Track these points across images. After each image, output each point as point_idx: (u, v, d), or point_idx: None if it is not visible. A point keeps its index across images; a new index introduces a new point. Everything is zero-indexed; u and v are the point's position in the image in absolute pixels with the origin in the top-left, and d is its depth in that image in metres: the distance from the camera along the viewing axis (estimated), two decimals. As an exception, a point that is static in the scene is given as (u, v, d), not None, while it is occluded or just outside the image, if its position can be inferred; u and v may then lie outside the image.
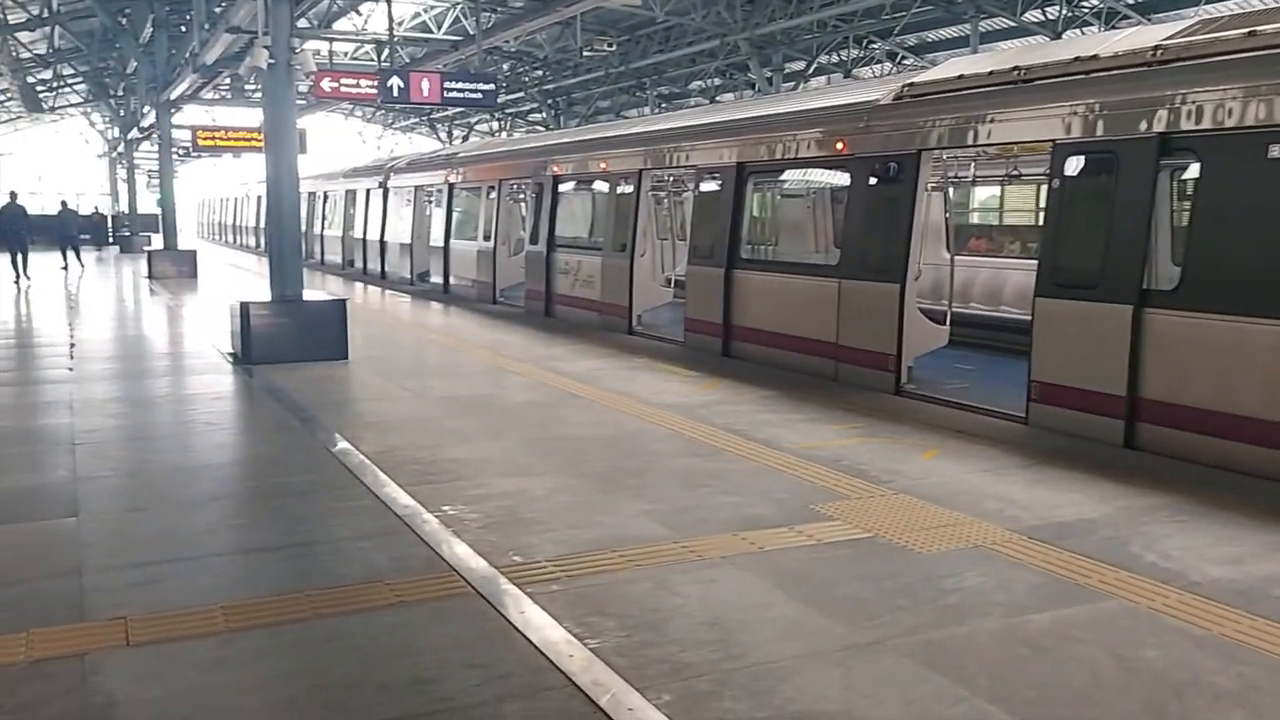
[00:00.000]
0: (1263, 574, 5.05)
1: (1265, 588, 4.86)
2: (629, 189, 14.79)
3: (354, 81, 17.62)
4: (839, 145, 10.87)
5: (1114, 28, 21.78)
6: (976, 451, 7.58)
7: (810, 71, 31.30)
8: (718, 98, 36.39)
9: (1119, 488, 6.56)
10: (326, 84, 17.08)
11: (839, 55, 31.18)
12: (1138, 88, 7.88)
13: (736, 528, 5.71)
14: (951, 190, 12.35)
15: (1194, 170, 7.63)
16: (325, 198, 32.62)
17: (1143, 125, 7.75)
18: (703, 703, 3.72)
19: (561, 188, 17.35)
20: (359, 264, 27.88)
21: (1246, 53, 7.26)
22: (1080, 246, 8.37)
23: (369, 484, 6.58)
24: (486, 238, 19.67)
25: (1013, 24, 24.82)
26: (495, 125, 50.23)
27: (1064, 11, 23.83)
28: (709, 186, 13.30)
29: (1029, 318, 8.66)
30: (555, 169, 17.16)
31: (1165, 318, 7.49)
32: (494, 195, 19.46)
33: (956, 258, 11.89)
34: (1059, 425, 8.20)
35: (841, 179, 11.43)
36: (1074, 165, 8.40)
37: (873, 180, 10.32)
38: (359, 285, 23.80)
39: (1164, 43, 7.92)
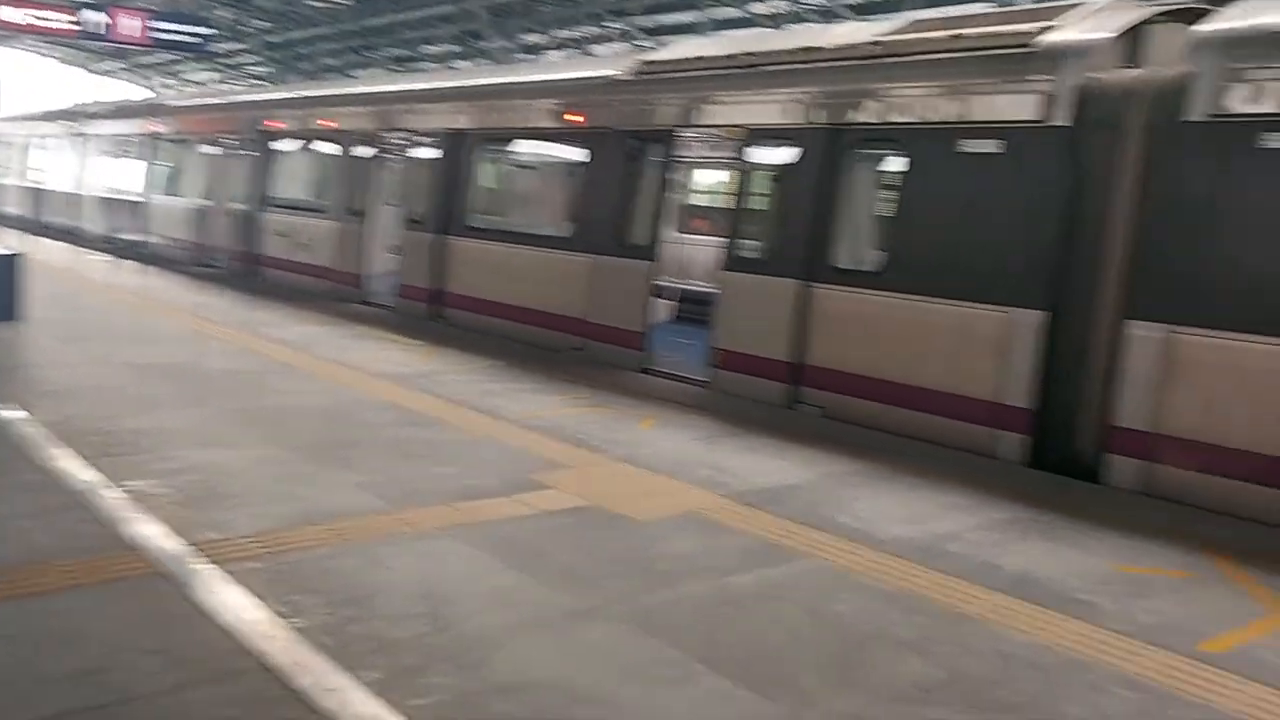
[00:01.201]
0: (940, 531, 5.49)
1: (942, 544, 5.29)
2: (359, 151, 14.16)
3: (46, 13, 15.75)
4: (576, 118, 10.87)
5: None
6: (692, 421, 7.81)
7: (547, 45, 31.23)
8: (452, 64, 35.62)
9: (820, 454, 6.95)
10: (13, 13, 15.18)
11: (576, 31, 31.30)
12: (852, 79, 8.36)
13: (453, 498, 5.57)
14: (680, 171, 12.66)
15: (898, 161, 8.19)
16: (8, 144, 29.22)
17: (846, 115, 8.25)
18: (409, 678, 3.57)
19: (282, 145, 16.36)
20: (46, 218, 25.19)
21: (950, 54, 7.84)
22: (763, 225, 9.01)
23: (37, 457, 5.89)
24: (196, 195, 18.28)
25: (742, 14, 25.82)
26: (215, 77, 46.84)
27: (790, 6, 25.04)
28: (428, 152, 12.94)
29: None
30: (273, 125, 16.16)
31: (870, 296, 8.02)
32: (207, 150, 18.10)
33: (683, 236, 12.23)
34: (735, 389, 8.83)
35: (578, 153, 11.43)
36: (770, 150, 8.91)
37: (614, 155, 10.38)
38: (45, 241, 21.48)
39: (881, 39, 8.44)
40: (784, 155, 8.79)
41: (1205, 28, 6.51)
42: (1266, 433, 5.93)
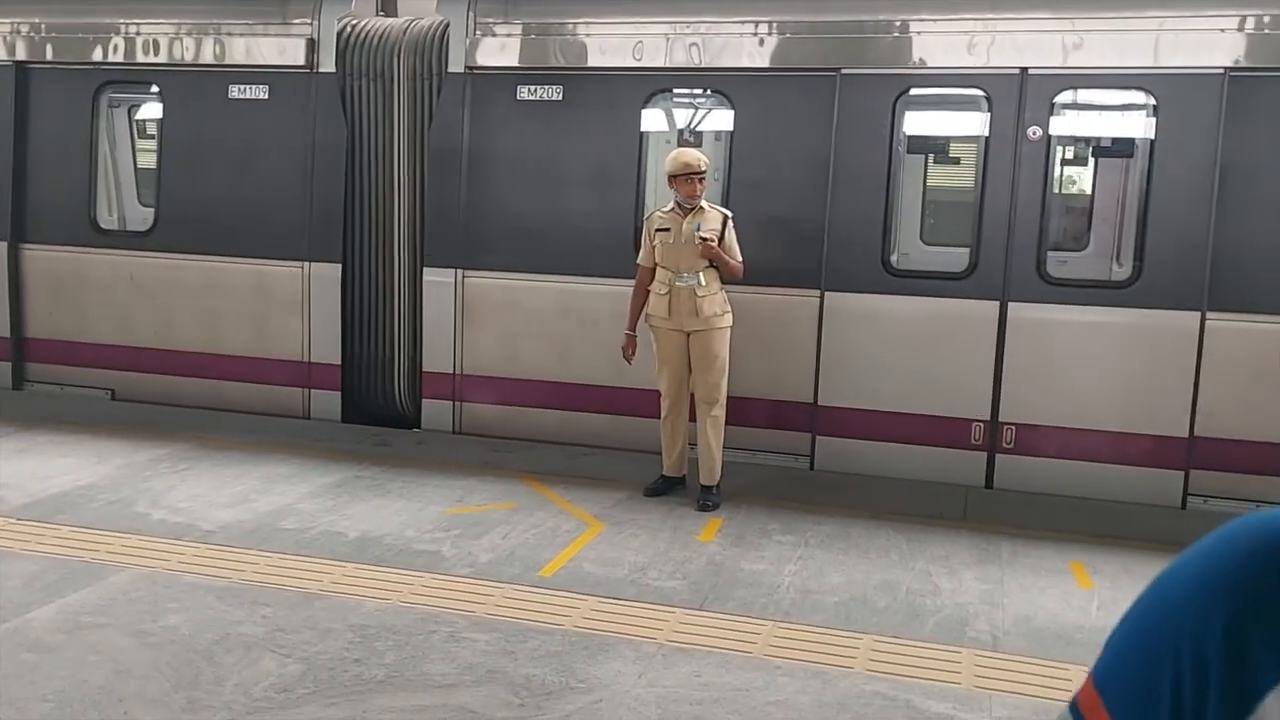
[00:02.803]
0: (269, 509, 5.12)
1: (273, 522, 4.94)
2: None
3: None
4: None
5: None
6: (-62, 427, 6.33)
7: None
8: None
9: (116, 444, 6.08)
10: None
11: None
12: (77, 10, 7.26)
13: None
14: None
15: (161, 107, 7.34)
16: None
17: (75, 52, 7.19)
18: None
19: None
20: None
21: None
22: None
23: None
24: None
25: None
26: None
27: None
28: None
29: None
30: None
31: (142, 259, 7.18)
32: None
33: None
34: None
35: None
36: None
37: None
38: None
39: None
40: None
41: None
42: (545, 363, 6.52)
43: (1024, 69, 5.62)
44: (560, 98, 6.40)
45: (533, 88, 6.45)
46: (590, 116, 6.38)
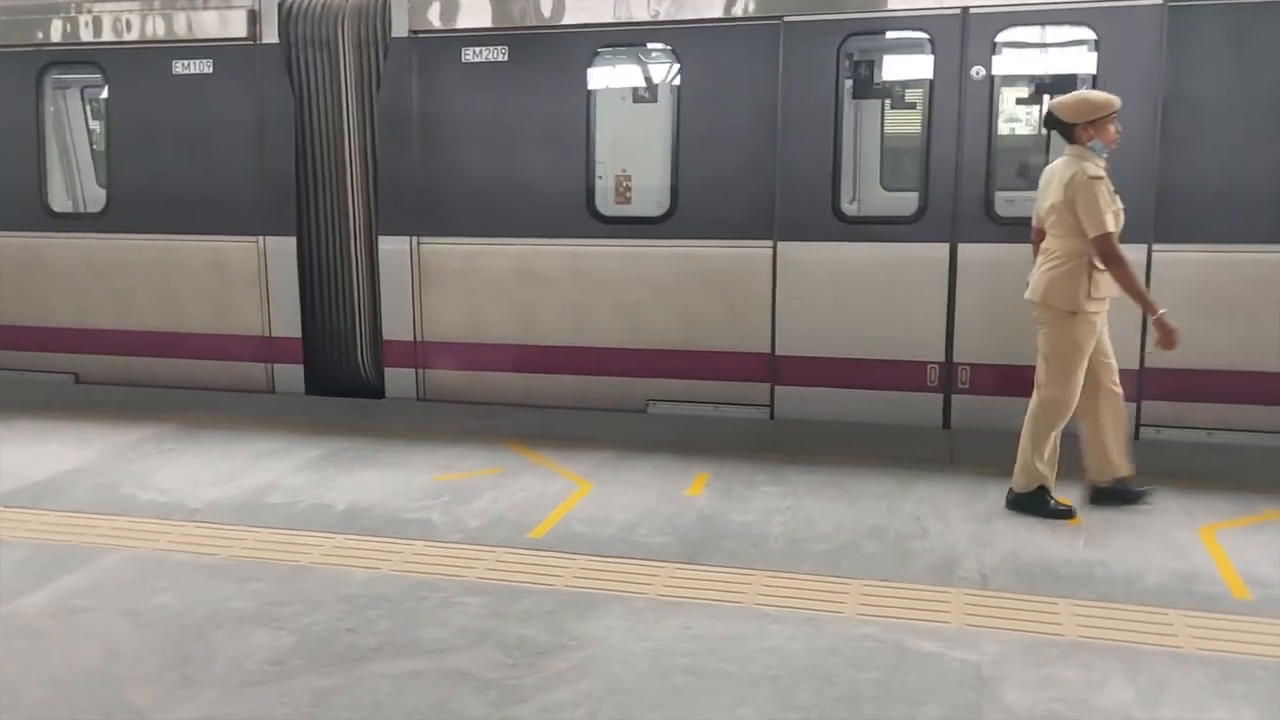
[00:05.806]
0: (255, 485, 5.11)
1: (260, 498, 4.93)
2: None
3: None
4: None
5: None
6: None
7: None
8: None
9: (98, 428, 6.05)
10: None
11: None
12: None
13: None
14: None
15: (104, 87, 7.23)
16: None
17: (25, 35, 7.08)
18: None
19: None
20: None
21: None
22: None
23: None
24: None
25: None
26: None
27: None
28: None
29: None
30: None
31: (92, 240, 7.16)
32: None
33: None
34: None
35: None
36: None
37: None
38: None
39: None
40: None
41: None
42: (506, 326, 6.49)
43: (965, 9, 5.59)
44: (507, 58, 6.32)
45: (479, 49, 6.36)
46: (538, 76, 6.29)
